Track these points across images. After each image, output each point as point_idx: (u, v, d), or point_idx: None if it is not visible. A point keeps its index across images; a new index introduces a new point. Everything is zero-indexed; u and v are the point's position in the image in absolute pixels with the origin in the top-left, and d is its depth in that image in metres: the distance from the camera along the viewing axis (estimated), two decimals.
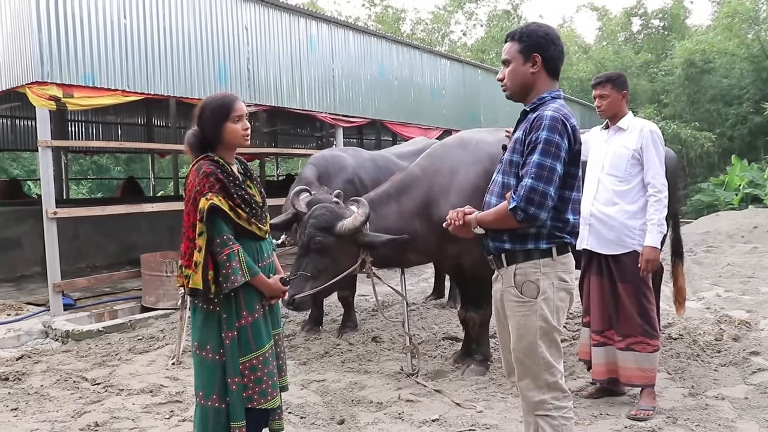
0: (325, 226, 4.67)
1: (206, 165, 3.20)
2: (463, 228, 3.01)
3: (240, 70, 9.27)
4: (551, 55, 2.94)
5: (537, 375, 2.90)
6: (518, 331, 2.93)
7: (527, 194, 2.74)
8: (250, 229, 3.26)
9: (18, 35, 7.13)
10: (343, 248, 4.72)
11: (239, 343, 3.20)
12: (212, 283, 3.13)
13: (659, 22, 37.97)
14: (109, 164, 34.14)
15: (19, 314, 7.42)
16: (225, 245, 3.13)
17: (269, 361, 3.27)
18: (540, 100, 2.94)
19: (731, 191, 20.40)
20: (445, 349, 5.99)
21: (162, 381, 5.33)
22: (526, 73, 2.95)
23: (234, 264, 3.10)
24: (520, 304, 2.91)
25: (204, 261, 3.11)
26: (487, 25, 40.05)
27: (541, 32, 2.94)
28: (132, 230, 11.72)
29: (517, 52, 2.96)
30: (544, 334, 2.88)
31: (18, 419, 4.56)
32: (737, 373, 5.09)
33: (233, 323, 3.20)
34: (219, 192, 3.14)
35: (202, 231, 3.12)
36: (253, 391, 3.22)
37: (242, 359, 3.20)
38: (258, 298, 3.28)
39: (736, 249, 11.64)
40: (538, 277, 2.88)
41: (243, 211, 3.21)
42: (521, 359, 2.94)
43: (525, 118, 2.98)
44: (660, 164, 4.34)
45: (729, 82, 27.61)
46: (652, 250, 4.28)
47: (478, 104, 15.69)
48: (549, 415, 2.89)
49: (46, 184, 7.33)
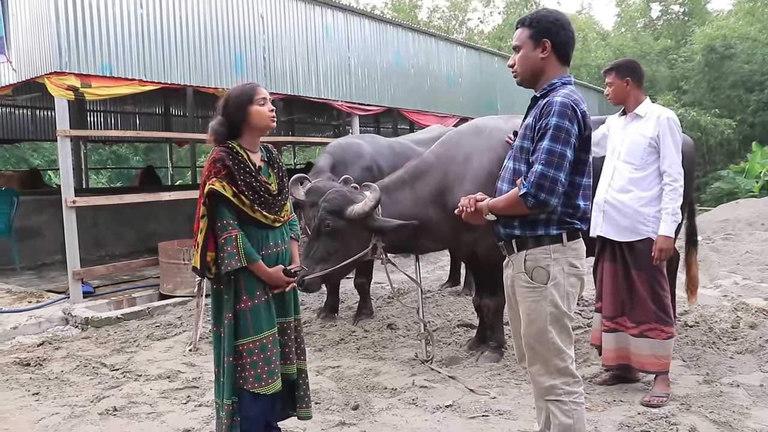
0: (336, 210, 4.74)
1: (217, 152, 3.30)
2: (475, 215, 3.02)
3: (256, 58, 9.30)
4: (561, 40, 2.94)
5: (547, 360, 2.92)
6: (528, 316, 2.94)
7: (537, 180, 2.75)
8: (254, 216, 3.33)
9: (37, 26, 7.22)
10: (353, 232, 4.77)
11: (237, 326, 3.31)
12: (212, 264, 3.29)
13: (679, 8, 37.50)
14: (128, 154, 34.39)
15: (39, 302, 7.53)
16: (224, 229, 3.25)
17: (267, 347, 3.33)
18: (550, 86, 2.94)
19: (752, 179, 20.17)
20: (459, 336, 6.02)
21: (179, 367, 5.40)
22: (536, 59, 2.96)
23: (229, 249, 3.22)
24: (530, 289, 2.93)
25: (204, 242, 3.27)
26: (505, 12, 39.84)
27: (551, 18, 2.94)
28: (150, 219, 11.83)
29: (527, 38, 2.97)
30: (554, 320, 2.90)
31: (39, 403, 4.65)
32: (753, 360, 5.07)
33: (231, 305, 3.31)
34: (224, 178, 3.23)
35: (204, 214, 3.27)
36: (248, 374, 3.30)
37: (240, 341, 3.31)
38: (260, 284, 3.35)
39: (755, 237, 11.52)
40: (548, 262, 2.90)
41: (246, 198, 3.27)
42: (532, 345, 2.96)
43: (535, 104, 2.98)
44: (677, 152, 4.29)
45: (750, 68, 27.19)
46: (666, 239, 4.25)
47: (495, 92, 15.61)
48: (559, 400, 2.91)
49: (65, 174, 7.41)
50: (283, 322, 3.48)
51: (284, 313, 3.50)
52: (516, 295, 3.04)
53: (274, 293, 3.42)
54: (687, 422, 3.95)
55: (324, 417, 4.22)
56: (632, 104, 4.47)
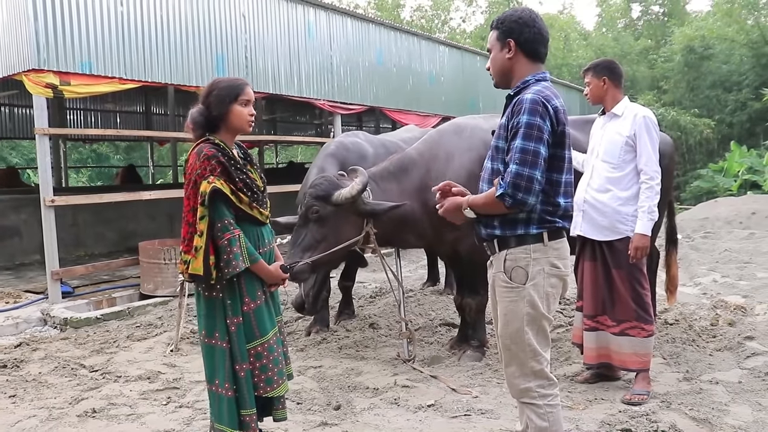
0: (323, 195, 4.69)
1: (207, 148, 3.13)
2: (454, 211, 2.97)
3: (238, 57, 9.25)
4: (525, 38, 2.91)
5: (523, 362, 2.88)
6: (505, 316, 2.91)
7: (513, 180, 2.71)
8: (252, 214, 3.22)
9: (14, 23, 7.11)
10: (343, 218, 4.72)
11: (244, 330, 3.18)
12: (213, 269, 3.08)
13: (659, 8, 37.94)
14: (109, 152, 34.09)
15: (17, 302, 7.45)
16: (226, 230, 3.08)
17: (274, 348, 3.24)
18: (524, 84, 2.91)
19: (730, 177, 20.42)
20: (441, 335, 6.02)
21: (159, 368, 5.36)
22: (503, 59, 2.96)
23: (235, 249, 3.06)
24: (508, 289, 2.89)
25: (205, 246, 3.06)
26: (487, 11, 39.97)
27: (515, 17, 2.94)
28: (130, 218, 11.75)
29: (495, 40, 2.98)
30: (531, 321, 2.86)
31: (16, 406, 4.59)
32: (732, 357, 5.13)
33: (238, 309, 3.16)
34: (221, 175, 3.09)
35: (204, 215, 3.06)
36: (258, 379, 3.19)
37: (247, 346, 3.18)
38: (259, 284, 3.24)
39: (733, 235, 11.67)
40: (528, 262, 2.85)
41: (245, 195, 3.16)
42: (508, 345, 2.92)
43: (510, 102, 2.94)
44: (653, 151, 4.31)
45: (728, 69, 27.50)
46: (642, 237, 4.27)
47: (477, 91, 15.64)
48: (534, 403, 2.88)
49: (44, 172, 7.32)
50: (278, 321, 3.41)
51: (278, 311, 3.44)
52: (496, 296, 3.00)
53: (271, 291, 3.34)
54: (667, 420, 3.97)
55: (306, 417, 4.20)
56: (610, 103, 4.50)
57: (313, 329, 6.31)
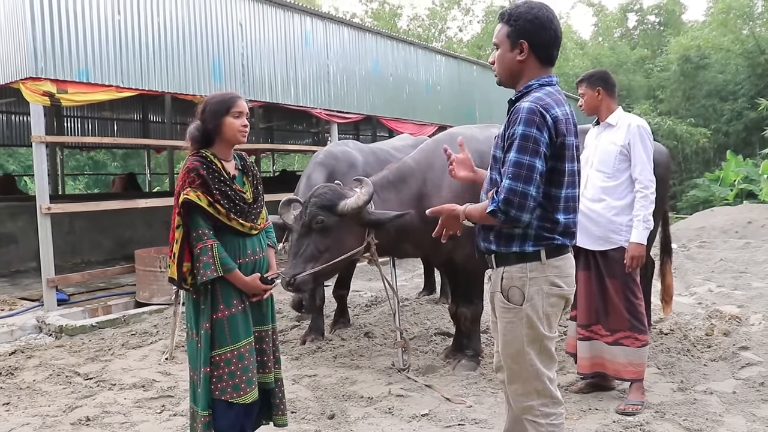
0: (328, 205, 4.61)
1: (191, 161, 3.30)
2: (452, 219, 2.91)
3: (235, 66, 9.27)
4: (540, 41, 2.73)
5: (526, 380, 2.79)
6: (505, 336, 2.82)
7: (506, 196, 2.58)
8: (231, 225, 3.32)
9: (12, 31, 7.12)
10: (346, 228, 4.67)
11: (213, 336, 3.29)
12: (188, 275, 3.27)
13: (655, 18, 38.12)
14: (106, 160, 34.08)
15: (12, 309, 7.44)
16: (200, 239, 3.25)
17: (245, 356, 3.32)
18: (526, 89, 2.75)
19: (726, 187, 20.48)
20: (437, 345, 6.02)
21: (154, 376, 5.35)
22: (513, 60, 2.77)
23: (205, 258, 3.21)
24: (506, 310, 2.79)
25: (180, 252, 3.26)
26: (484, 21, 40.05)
27: (530, 15, 2.70)
28: (127, 226, 11.74)
29: (505, 37, 2.77)
30: (531, 342, 2.75)
31: (10, 413, 4.58)
32: (726, 367, 5.13)
33: (209, 315, 3.29)
34: (198, 187, 3.23)
35: (179, 224, 3.26)
36: (226, 384, 3.28)
37: (216, 351, 3.29)
38: (237, 293, 3.35)
39: (729, 244, 11.69)
40: (524, 282, 2.74)
41: (222, 206, 3.27)
42: (509, 365, 2.84)
43: (511, 108, 2.76)
44: (648, 160, 4.33)
45: (724, 78, 27.66)
46: (638, 246, 4.28)
47: (473, 100, 15.68)
48: (536, 421, 2.79)
49: (40, 180, 7.31)
50: (261, 331, 3.48)
51: (262, 322, 3.50)
52: (496, 311, 2.91)
53: (252, 302, 3.41)
54: (661, 430, 3.99)
55: (300, 426, 4.20)
56: (605, 113, 4.53)
57: (308, 338, 6.29)
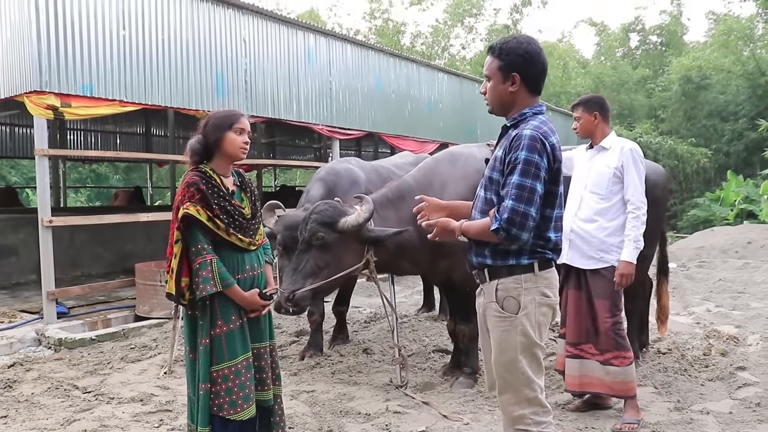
0: (329, 222, 4.62)
1: (190, 176, 3.32)
2: (447, 233, 3.01)
3: (238, 81, 9.35)
4: (531, 74, 2.92)
5: (517, 389, 2.90)
6: (499, 345, 2.92)
7: (509, 216, 2.74)
8: (230, 240, 3.34)
9: (17, 45, 7.20)
10: (346, 245, 4.67)
11: (212, 352, 3.30)
12: (186, 290, 3.28)
13: (657, 38, 38.32)
14: (108, 173, 34.16)
15: (12, 322, 7.45)
16: (199, 254, 3.25)
17: (242, 372, 3.32)
18: (521, 116, 2.93)
19: (727, 206, 20.51)
20: (435, 362, 6.03)
21: (153, 390, 5.36)
22: (505, 92, 2.95)
23: (204, 273, 3.21)
24: (501, 319, 2.91)
25: (178, 267, 3.27)
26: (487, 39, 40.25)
27: (521, 50, 2.90)
28: (128, 239, 11.76)
29: (497, 69, 2.94)
30: (524, 349, 2.87)
31: (7, 426, 4.59)
32: (723, 387, 5.14)
33: (207, 331, 3.30)
34: (198, 202, 3.25)
35: (178, 239, 3.28)
36: (223, 401, 3.29)
37: (215, 367, 3.29)
38: (235, 309, 3.35)
39: (728, 264, 11.70)
40: (520, 292, 2.88)
41: (221, 221, 3.29)
42: (502, 374, 2.93)
43: (506, 133, 2.98)
44: (640, 182, 4.44)
45: (725, 99, 27.79)
46: (628, 265, 4.36)
47: (475, 118, 15.74)
48: (528, 430, 2.89)
49: (42, 193, 7.37)
50: (259, 347, 3.48)
51: (260, 338, 3.50)
52: (487, 324, 3.02)
53: (250, 317, 3.43)
54: None
55: None
56: (599, 137, 4.63)
57: (306, 354, 6.30)
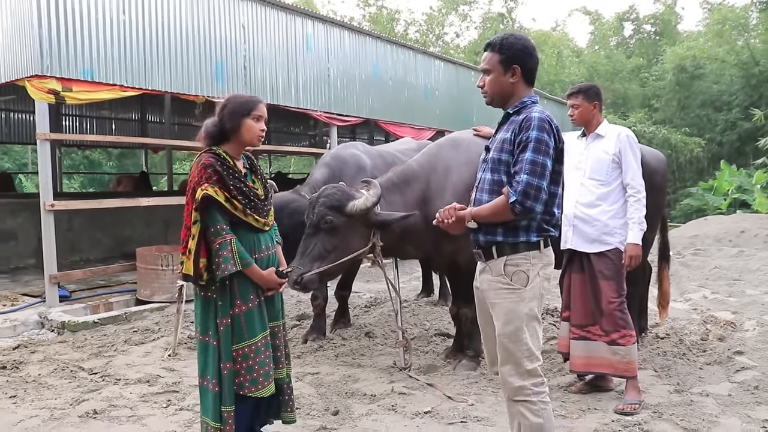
0: (336, 206, 4.67)
1: (206, 157, 3.35)
2: (456, 224, 3.13)
3: (236, 67, 9.34)
4: (529, 66, 3.16)
5: (518, 361, 3.04)
6: (506, 316, 3.06)
7: (524, 188, 2.92)
8: (247, 221, 3.39)
9: (18, 29, 7.20)
10: (353, 229, 4.73)
11: (232, 331, 3.34)
12: (204, 271, 3.30)
13: (651, 27, 38.34)
14: (101, 159, 34.05)
15: (15, 305, 7.49)
16: (218, 234, 3.28)
17: (261, 350, 3.38)
18: (522, 104, 3.14)
19: (720, 196, 20.66)
20: (436, 345, 6.10)
21: (158, 371, 5.41)
22: (507, 83, 3.16)
23: (225, 253, 3.25)
24: (510, 291, 3.06)
25: (197, 248, 3.29)
26: (481, 27, 40.23)
27: (520, 45, 3.14)
28: (126, 224, 11.78)
29: (497, 63, 3.15)
30: (528, 321, 3.04)
31: (17, 406, 4.64)
32: (722, 371, 5.22)
33: (227, 311, 3.34)
34: (215, 183, 3.28)
35: (197, 219, 3.30)
36: (244, 379, 3.34)
37: (235, 346, 3.34)
38: (253, 288, 3.40)
39: (723, 252, 11.82)
40: (528, 267, 3.06)
41: (239, 202, 3.33)
42: (506, 344, 3.06)
43: (508, 119, 3.18)
44: (637, 166, 4.57)
45: (719, 88, 27.91)
46: (635, 247, 4.48)
47: (471, 105, 15.77)
48: (528, 400, 3.03)
49: (44, 177, 7.39)
50: (274, 326, 3.54)
51: (275, 317, 3.56)
52: (491, 299, 3.14)
53: (267, 296, 3.48)
54: (659, 429, 4.08)
55: (305, 422, 4.27)
56: (594, 125, 4.74)
57: (309, 337, 6.37)
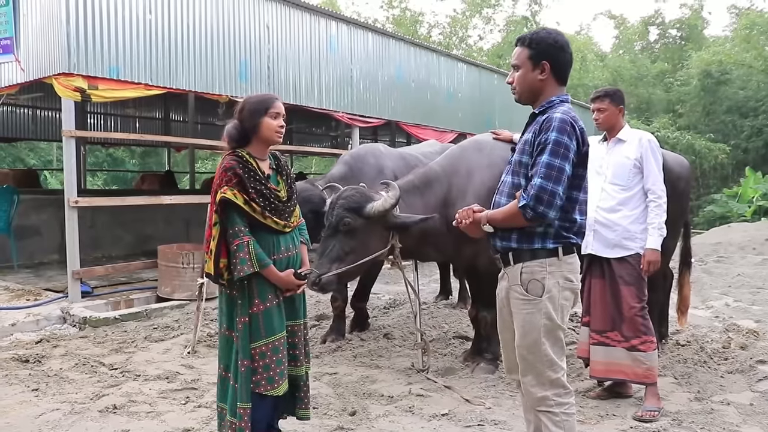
0: (355, 207, 4.65)
1: (228, 160, 3.40)
2: (473, 226, 3.08)
3: (260, 67, 9.40)
4: (560, 62, 3.02)
5: (540, 372, 2.97)
6: (523, 328, 2.99)
7: (537, 193, 2.81)
8: (266, 223, 3.42)
9: (47, 27, 7.30)
10: (372, 231, 4.71)
11: (250, 329, 3.40)
12: (224, 270, 3.39)
13: (676, 32, 38.02)
14: (125, 157, 34.42)
15: (38, 300, 7.57)
16: (236, 236, 3.34)
17: (278, 349, 3.43)
18: (549, 104, 3.02)
19: (744, 203, 20.41)
20: (455, 348, 6.09)
21: (178, 368, 5.46)
22: (535, 79, 3.04)
23: (242, 255, 3.31)
24: (525, 302, 2.98)
25: (216, 249, 3.37)
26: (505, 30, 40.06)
27: (551, 39, 3.01)
28: (147, 222, 11.87)
29: (527, 59, 3.04)
30: (548, 332, 2.94)
31: (39, 399, 4.70)
32: (743, 380, 5.16)
33: (246, 309, 3.40)
34: (235, 186, 3.33)
35: (216, 221, 3.38)
36: (261, 377, 3.39)
37: (252, 345, 3.39)
38: (271, 288, 3.45)
39: (747, 260, 11.68)
40: (544, 276, 2.95)
41: (258, 204, 3.37)
42: (525, 356, 3.00)
43: (534, 120, 3.05)
44: (659, 171, 4.53)
45: (745, 94, 27.57)
46: (654, 252, 4.45)
47: (494, 109, 15.74)
48: (551, 411, 2.96)
49: (69, 174, 7.48)
50: (293, 325, 3.59)
51: (294, 316, 3.61)
52: (510, 307, 3.09)
53: (285, 296, 3.52)
54: None
55: (322, 421, 4.29)
56: (617, 130, 4.71)
57: (328, 338, 6.37)
